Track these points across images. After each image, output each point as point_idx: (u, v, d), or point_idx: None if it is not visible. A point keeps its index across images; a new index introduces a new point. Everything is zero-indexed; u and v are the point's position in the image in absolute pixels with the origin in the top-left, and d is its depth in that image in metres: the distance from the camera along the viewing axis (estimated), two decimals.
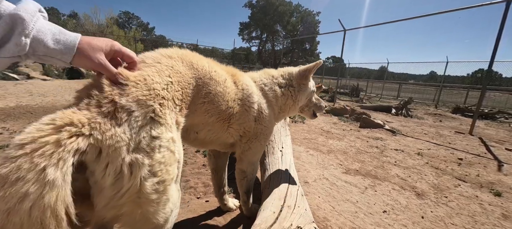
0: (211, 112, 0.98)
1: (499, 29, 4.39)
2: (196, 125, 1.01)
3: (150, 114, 0.63)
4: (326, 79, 20.76)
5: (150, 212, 0.64)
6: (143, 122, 0.61)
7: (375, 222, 1.67)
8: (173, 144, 0.68)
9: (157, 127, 0.64)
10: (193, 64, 0.89)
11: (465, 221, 1.77)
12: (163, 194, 0.66)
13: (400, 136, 4.34)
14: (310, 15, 23.52)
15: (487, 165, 3.01)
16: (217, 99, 0.98)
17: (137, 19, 48.24)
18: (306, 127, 4.57)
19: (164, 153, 0.64)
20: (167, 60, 0.79)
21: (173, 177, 0.69)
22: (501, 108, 9.06)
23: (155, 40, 36.96)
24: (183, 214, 1.57)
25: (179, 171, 0.75)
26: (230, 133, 1.15)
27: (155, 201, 0.64)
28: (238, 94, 1.11)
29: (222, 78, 1.01)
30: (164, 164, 0.64)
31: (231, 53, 25.29)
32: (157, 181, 0.63)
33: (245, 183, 1.41)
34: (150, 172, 0.61)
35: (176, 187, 0.75)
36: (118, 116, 0.57)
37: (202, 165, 2.33)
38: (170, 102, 0.71)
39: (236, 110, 1.10)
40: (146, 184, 0.60)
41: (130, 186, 0.58)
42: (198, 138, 1.08)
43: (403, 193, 2.13)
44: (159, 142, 0.63)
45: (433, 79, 22.24)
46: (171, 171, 0.68)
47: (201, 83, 0.90)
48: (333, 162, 2.76)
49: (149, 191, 0.61)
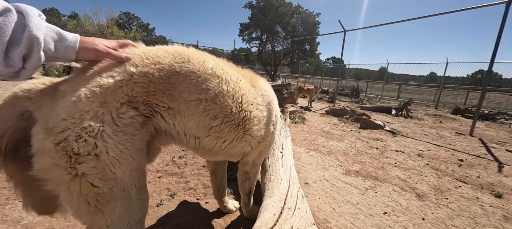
0: (213, 113, 0.86)
1: (499, 30, 4.39)
2: (194, 129, 0.85)
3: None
4: (326, 80, 20.78)
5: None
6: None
7: (376, 223, 1.66)
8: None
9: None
10: (190, 58, 0.83)
11: (466, 222, 1.76)
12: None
13: (400, 137, 4.34)
14: (310, 16, 23.54)
15: (487, 166, 3.01)
16: (222, 99, 0.86)
17: (138, 20, 48.33)
18: (306, 128, 4.57)
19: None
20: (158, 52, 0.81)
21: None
22: (501, 109, 9.04)
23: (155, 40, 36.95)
24: (182, 216, 1.56)
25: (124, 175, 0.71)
26: (247, 141, 1.03)
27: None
28: (257, 99, 1.03)
29: (233, 77, 0.92)
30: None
31: (231, 53, 25.31)
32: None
33: (248, 185, 1.39)
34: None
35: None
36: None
37: (202, 166, 2.32)
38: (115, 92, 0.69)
39: (254, 115, 0.99)
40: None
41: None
42: (203, 145, 0.91)
43: (403, 194, 2.13)
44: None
45: (433, 80, 22.23)
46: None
47: (194, 77, 0.81)
48: (333, 163, 2.76)
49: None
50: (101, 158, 0.66)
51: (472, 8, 5.14)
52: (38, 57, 0.57)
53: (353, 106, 7.11)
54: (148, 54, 0.78)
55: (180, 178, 2.07)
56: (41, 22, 0.57)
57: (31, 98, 0.69)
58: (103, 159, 0.66)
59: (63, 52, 0.63)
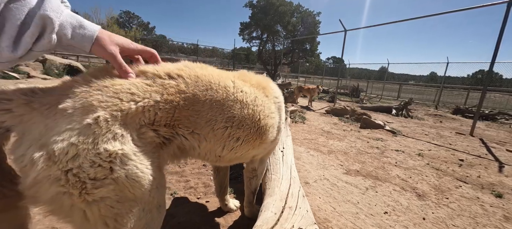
0: (236, 136, 0.90)
1: (501, 30, 4.39)
2: (218, 151, 0.90)
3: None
4: (327, 79, 20.77)
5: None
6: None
7: (376, 223, 1.66)
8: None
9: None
10: (211, 85, 0.81)
11: (466, 222, 1.76)
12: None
13: (400, 136, 4.33)
14: (311, 15, 23.51)
15: (488, 166, 3.01)
16: (244, 123, 0.90)
17: (138, 19, 48.27)
18: (306, 127, 4.57)
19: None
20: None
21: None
22: (502, 109, 9.04)
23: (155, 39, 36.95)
24: (183, 215, 1.56)
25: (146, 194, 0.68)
26: (262, 147, 1.07)
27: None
28: (271, 107, 1.05)
29: (251, 97, 0.93)
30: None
31: (232, 53, 25.29)
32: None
33: (255, 182, 1.40)
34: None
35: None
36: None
37: (203, 165, 2.32)
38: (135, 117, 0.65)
39: (270, 125, 1.02)
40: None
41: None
42: (222, 160, 0.98)
43: (404, 194, 2.13)
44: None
45: (434, 80, 22.23)
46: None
47: (219, 105, 0.82)
48: (334, 163, 2.76)
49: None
50: (119, 180, 0.61)
51: (473, 7, 5.13)
52: (49, 39, 0.54)
53: (353, 106, 7.11)
54: (171, 82, 0.74)
55: (180, 177, 2.08)
56: (59, 6, 0.55)
57: (11, 110, 0.55)
58: (121, 182, 0.61)
59: (79, 40, 0.60)
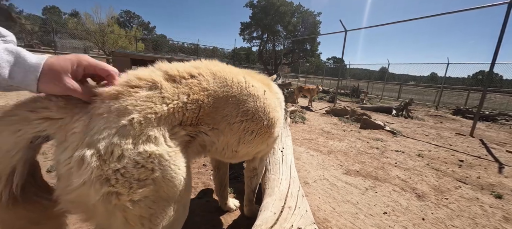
0: (251, 129, 0.94)
1: (501, 30, 4.38)
2: (234, 145, 0.94)
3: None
4: (327, 79, 20.77)
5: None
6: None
7: (376, 223, 1.66)
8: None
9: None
10: (226, 81, 0.85)
11: (466, 223, 1.76)
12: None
13: (400, 137, 4.33)
14: (311, 15, 23.50)
15: (487, 167, 3.00)
16: (257, 116, 0.93)
17: (138, 18, 48.32)
18: (306, 127, 4.57)
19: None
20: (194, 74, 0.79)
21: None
22: (502, 110, 9.03)
23: (156, 39, 36.94)
24: None
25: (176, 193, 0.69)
26: (267, 142, 1.11)
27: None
28: (275, 102, 1.10)
29: (261, 91, 0.96)
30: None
31: (232, 53, 25.28)
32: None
33: (255, 181, 1.41)
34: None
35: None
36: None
37: (202, 164, 2.33)
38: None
39: (276, 118, 1.07)
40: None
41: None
42: (237, 156, 1.02)
43: (403, 194, 2.13)
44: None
45: (434, 81, 22.21)
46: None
47: (235, 100, 0.86)
48: (334, 163, 2.76)
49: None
50: (157, 181, 0.64)
51: (474, 8, 5.13)
52: None
53: (353, 106, 7.11)
54: (194, 81, 0.77)
55: None
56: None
57: (50, 118, 0.54)
58: (159, 182, 0.64)
59: (20, 79, 0.49)
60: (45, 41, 24.22)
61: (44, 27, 26.38)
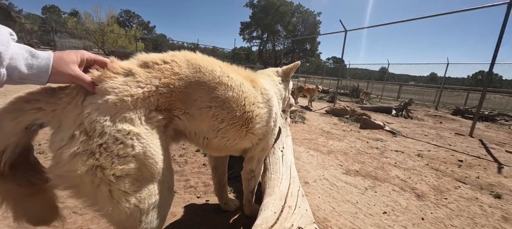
0: (220, 117, 0.95)
1: (501, 30, 4.39)
2: (204, 131, 0.96)
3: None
4: (327, 79, 20.76)
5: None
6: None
7: (375, 223, 1.67)
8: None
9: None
10: (200, 68, 0.88)
11: (465, 223, 1.77)
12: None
13: (400, 137, 4.34)
14: (311, 15, 23.51)
15: (487, 167, 3.01)
16: (228, 105, 0.94)
17: (138, 18, 48.29)
18: (306, 127, 4.57)
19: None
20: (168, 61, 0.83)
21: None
22: (501, 110, 9.05)
23: (155, 39, 36.90)
24: (183, 213, 1.57)
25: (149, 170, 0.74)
26: (249, 138, 1.12)
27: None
28: (258, 98, 1.09)
29: (237, 82, 0.98)
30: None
31: (232, 52, 25.27)
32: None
33: (253, 183, 1.42)
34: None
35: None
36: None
37: (203, 164, 2.33)
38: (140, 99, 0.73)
39: (256, 114, 1.07)
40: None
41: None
42: (210, 144, 1.03)
43: (403, 194, 2.13)
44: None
45: (434, 81, 22.23)
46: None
47: (205, 86, 0.88)
48: (333, 163, 2.76)
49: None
50: (138, 157, 0.70)
51: (474, 8, 5.13)
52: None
53: (353, 106, 7.11)
54: (166, 66, 0.82)
55: (180, 176, 2.08)
56: (7, 38, 0.52)
57: (42, 108, 0.63)
58: (140, 159, 0.70)
59: (35, 72, 0.55)
60: (45, 41, 24.18)
61: (44, 26, 26.32)
